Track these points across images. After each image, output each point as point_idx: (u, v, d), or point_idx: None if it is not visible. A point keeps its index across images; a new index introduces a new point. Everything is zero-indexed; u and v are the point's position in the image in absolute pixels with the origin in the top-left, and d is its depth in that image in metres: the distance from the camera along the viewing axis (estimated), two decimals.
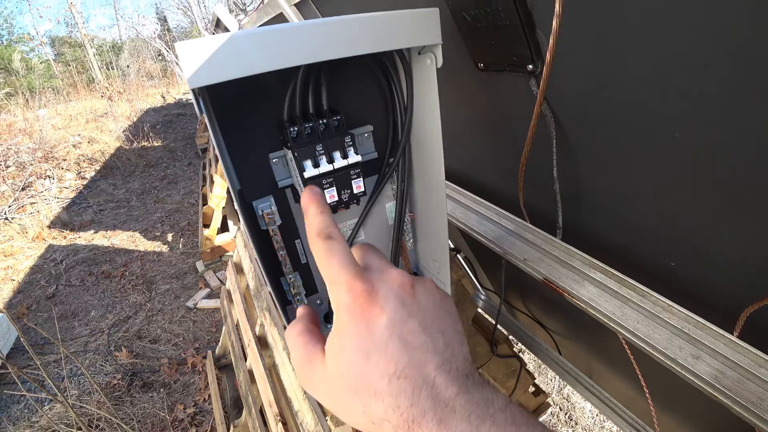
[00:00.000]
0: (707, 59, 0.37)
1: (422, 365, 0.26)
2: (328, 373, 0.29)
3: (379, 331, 0.27)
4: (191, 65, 0.34)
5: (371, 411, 0.26)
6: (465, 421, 0.24)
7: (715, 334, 0.48)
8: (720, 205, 0.48)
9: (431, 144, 0.52)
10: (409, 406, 0.25)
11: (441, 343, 0.28)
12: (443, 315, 0.30)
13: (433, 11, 0.43)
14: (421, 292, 0.30)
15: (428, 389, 0.25)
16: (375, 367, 0.26)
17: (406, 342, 0.27)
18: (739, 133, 0.40)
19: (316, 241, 0.31)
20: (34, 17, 17.76)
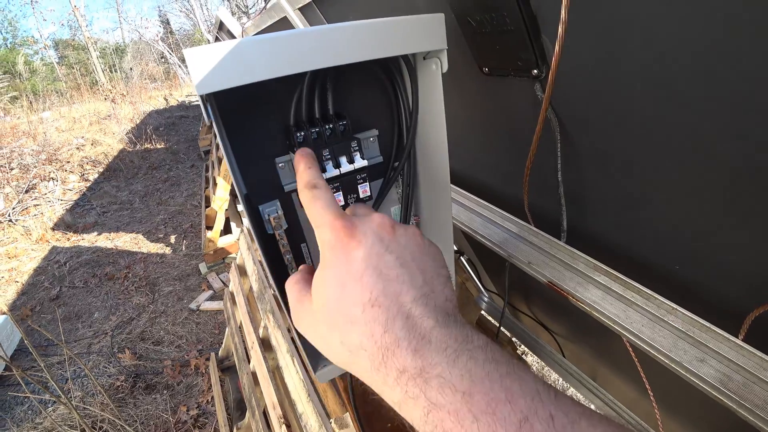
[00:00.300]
0: (712, 64, 0.37)
1: (397, 295, 0.27)
2: (313, 308, 0.30)
3: (355, 263, 0.28)
4: (199, 72, 0.34)
5: (348, 339, 0.27)
6: (441, 353, 0.24)
7: (720, 337, 0.48)
8: (725, 209, 0.48)
9: (436, 148, 0.52)
10: (383, 333, 0.25)
11: (419, 279, 0.28)
12: (425, 257, 0.31)
13: (438, 17, 0.44)
14: (402, 234, 0.31)
15: (403, 319, 0.26)
16: (350, 296, 0.27)
17: (381, 272, 0.28)
18: (745, 138, 0.40)
19: (304, 191, 0.33)
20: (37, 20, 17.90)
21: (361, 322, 0.26)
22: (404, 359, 0.24)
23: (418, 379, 0.24)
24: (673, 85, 0.41)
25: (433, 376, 0.23)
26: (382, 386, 0.25)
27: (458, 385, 0.23)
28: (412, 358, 0.24)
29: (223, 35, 3.26)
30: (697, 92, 0.40)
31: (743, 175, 0.43)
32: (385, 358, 0.25)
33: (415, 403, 0.24)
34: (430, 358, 0.24)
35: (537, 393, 0.23)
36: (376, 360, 0.25)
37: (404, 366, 0.24)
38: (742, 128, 0.39)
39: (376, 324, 0.26)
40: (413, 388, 0.24)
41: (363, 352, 0.26)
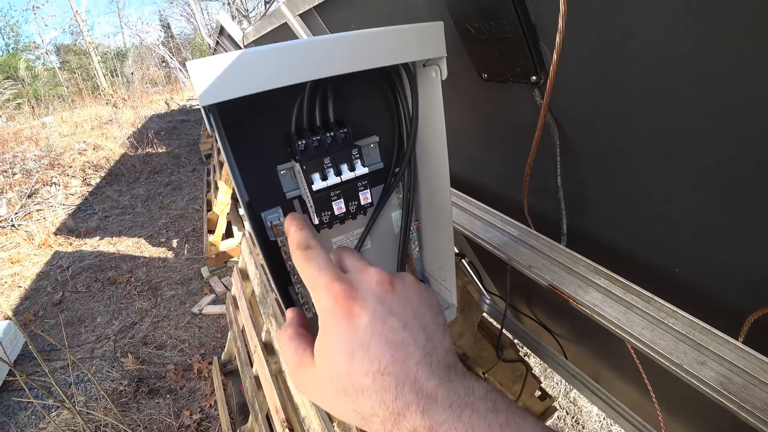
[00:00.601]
0: (709, 66, 0.38)
1: (404, 361, 0.28)
2: (318, 376, 0.30)
3: (361, 331, 0.28)
4: (202, 83, 0.35)
5: (360, 407, 0.28)
6: (447, 409, 0.26)
7: (720, 339, 0.48)
8: (724, 211, 0.48)
9: (437, 154, 0.53)
10: (394, 399, 0.26)
11: (422, 338, 0.29)
12: (424, 309, 0.31)
13: (437, 25, 0.44)
14: (400, 288, 0.31)
15: (411, 383, 0.27)
16: (359, 366, 0.27)
17: (388, 339, 0.28)
18: (743, 141, 0.40)
19: (296, 252, 0.33)
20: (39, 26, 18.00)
21: (371, 391, 0.27)
22: (414, 420, 0.26)
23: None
24: (670, 89, 0.42)
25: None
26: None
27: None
28: (422, 418, 0.25)
29: (223, 40, 3.27)
30: (693, 94, 0.41)
31: (742, 177, 0.43)
32: (398, 422, 0.26)
33: None
34: (438, 416, 0.25)
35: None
36: (388, 423, 0.27)
37: (415, 427, 0.26)
38: (739, 129, 0.39)
39: (386, 392, 0.27)
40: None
41: (376, 418, 0.27)
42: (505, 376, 1.41)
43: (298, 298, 0.55)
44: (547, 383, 2.26)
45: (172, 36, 21.03)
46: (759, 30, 0.33)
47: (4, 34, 18.70)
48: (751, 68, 0.35)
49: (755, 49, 0.33)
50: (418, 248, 0.65)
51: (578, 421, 2.09)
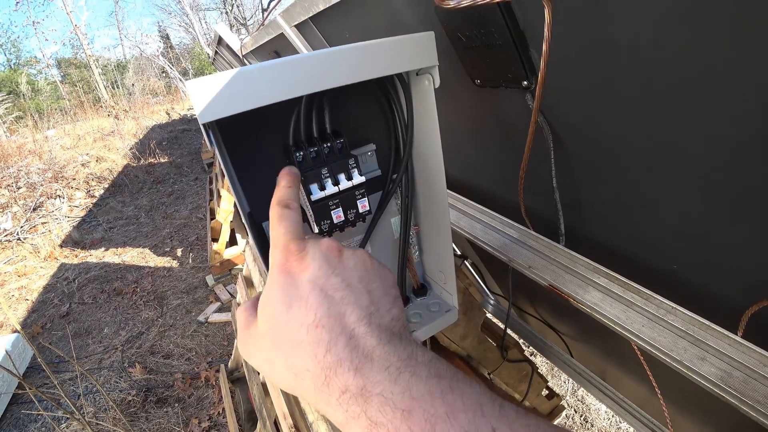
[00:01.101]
0: (696, 68, 0.38)
1: (341, 316, 0.27)
2: (259, 331, 0.30)
3: (302, 284, 0.28)
4: (201, 101, 0.36)
5: (292, 362, 0.27)
6: (383, 371, 0.24)
7: (720, 335, 0.48)
8: (720, 207, 0.49)
9: (432, 159, 0.54)
10: (326, 353, 0.25)
11: (365, 300, 0.29)
12: (373, 278, 0.31)
13: (428, 35, 0.45)
14: (349, 257, 0.31)
15: (346, 339, 0.26)
16: (296, 318, 0.27)
17: (327, 294, 0.28)
18: (737, 138, 0.41)
19: (275, 208, 0.34)
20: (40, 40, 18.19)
21: (305, 343, 0.26)
22: (346, 378, 0.24)
23: (359, 398, 0.24)
24: (657, 89, 0.43)
25: (374, 394, 0.23)
26: (326, 407, 0.25)
27: (399, 402, 0.23)
28: (354, 377, 0.24)
29: (222, 50, 3.30)
30: (681, 94, 0.41)
31: (737, 173, 0.44)
32: (328, 379, 0.25)
33: (356, 422, 0.23)
34: (372, 376, 0.24)
35: (480, 407, 0.23)
36: (319, 381, 0.25)
37: (346, 385, 0.24)
38: (732, 127, 0.40)
39: (319, 345, 0.26)
40: (354, 407, 0.24)
41: (307, 373, 0.26)
42: (511, 376, 1.41)
43: None
44: (554, 382, 2.26)
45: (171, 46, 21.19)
46: (747, 27, 0.33)
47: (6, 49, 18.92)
48: (742, 66, 0.35)
49: (752, 46, 0.34)
50: (418, 253, 0.66)
51: (587, 419, 2.08)
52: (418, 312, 0.63)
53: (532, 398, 1.54)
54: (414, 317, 0.62)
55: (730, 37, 0.34)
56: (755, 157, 0.40)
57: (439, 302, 0.64)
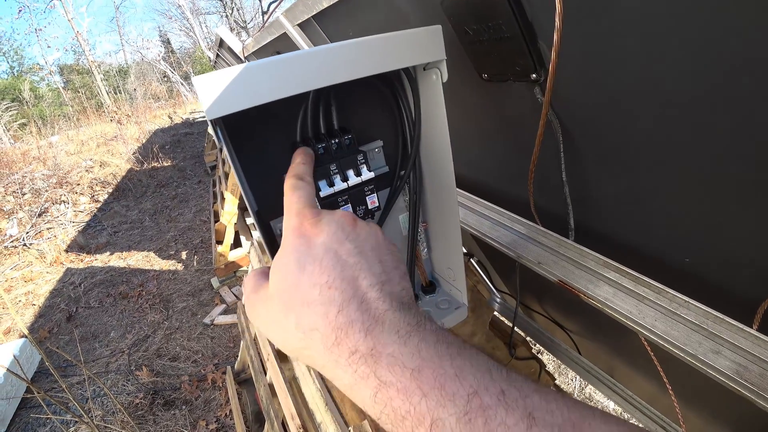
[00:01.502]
0: (710, 61, 0.38)
1: (354, 279, 0.27)
2: (270, 293, 0.30)
3: (316, 247, 0.29)
4: (209, 97, 0.35)
5: (302, 321, 0.27)
6: (393, 334, 0.25)
7: (734, 328, 0.48)
8: (733, 199, 0.48)
9: (441, 155, 0.53)
10: (337, 313, 0.26)
11: (378, 267, 0.29)
12: (384, 250, 0.31)
13: (435, 29, 0.45)
14: (363, 227, 0.32)
15: (358, 301, 0.26)
16: (309, 277, 0.27)
17: (340, 257, 0.28)
18: (750, 128, 0.40)
19: (290, 180, 0.36)
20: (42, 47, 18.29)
21: (317, 303, 0.26)
22: (356, 339, 0.25)
23: (368, 359, 0.24)
24: (673, 81, 0.42)
25: (384, 355, 0.24)
26: (334, 368, 0.26)
27: (408, 362, 0.23)
28: (365, 338, 0.25)
29: (223, 52, 3.31)
30: (696, 85, 0.41)
31: (749, 164, 0.43)
32: (338, 339, 0.25)
33: (365, 383, 0.24)
34: (382, 338, 0.24)
35: (488, 371, 0.23)
36: (329, 341, 0.25)
37: (356, 346, 0.24)
38: (746, 119, 0.40)
39: (331, 305, 0.26)
40: (363, 367, 0.24)
41: (317, 333, 0.26)
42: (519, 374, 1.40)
43: None
44: (562, 380, 2.25)
45: (172, 51, 21.29)
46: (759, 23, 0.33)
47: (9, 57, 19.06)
48: (756, 59, 0.35)
49: (757, 42, 0.34)
50: (426, 249, 0.65)
51: None
52: (427, 309, 0.62)
53: None
54: None
55: (745, 26, 0.34)
56: (765, 149, 0.40)
57: (448, 299, 0.64)
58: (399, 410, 0.22)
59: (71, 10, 15.46)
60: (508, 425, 0.20)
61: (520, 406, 0.21)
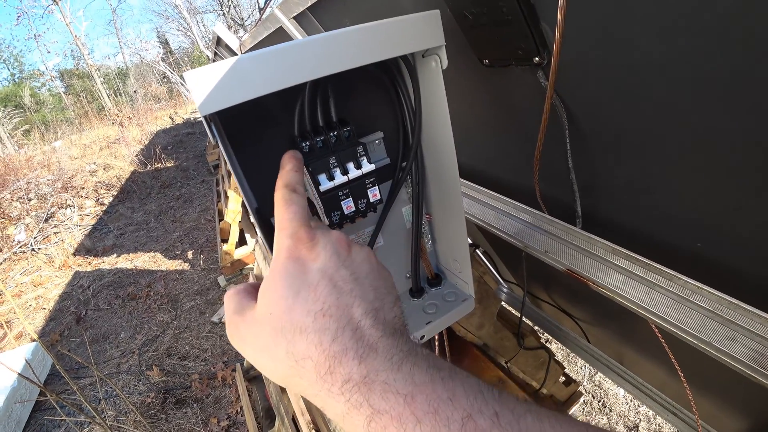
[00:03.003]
0: (722, 40, 0.36)
1: (349, 307, 0.27)
2: (257, 316, 0.29)
3: (312, 273, 0.28)
4: (201, 92, 0.34)
5: (295, 348, 0.26)
6: (387, 360, 0.25)
7: (750, 314, 0.46)
8: (746, 184, 0.47)
9: (443, 144, 0.52)
10: (331, 342, 0.25)
11: (371, 294, 0.29)
12: (377, 276, 0.31)
13: (434, 14, 0.43)
14: (357, 252, 0.32)
15: (352, 330, 0.26)
16: (303, 305, 0.27)
17: (336, 285, 0.28)
18: (760, 114, 0.39)
19: (281, 191, 0.34)
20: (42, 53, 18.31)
21: (310, 330, 0.26)
22: (350, 367, 0.24)
23: (362, 387, 0.24)
24: (681, 62, 0.40)
25: (378, 382, 0.24)
26: (326, 397, 0.25)
27: (401, 389, 0.23)
28: (358, 366, 0.24)
29: (221, 50, 3.29)
30: (706, 66, 0.39)
31: (760, 149, 0.42)
32: (332, 368, 0.25)
33: (358, 411, 0.24)
34: (375, 365, 0.24)
35: (480, 392, 0.23)
36: (322, 369, 0.25)
37: (350, 374, 0.24)
38: (754, 103, 0.38)
39: (325, 333, 0.26)
40: (357, 395, 0.24)
41: (309, 362, 0.26)
42: (528, 363, 1.39)
43: None
44: (571, 368, 2.24)
45: (170, 51, 21.26)
46: None
47: (9, 64, 19.11)
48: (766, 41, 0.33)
49: None
50: (431, 242, 0.64)
51: (605, 404, 2.06)
52: (433, 302, 0.61)
53: (550, 385, 1.53)
54: (430, 308, 0.61)
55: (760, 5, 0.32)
56: None
57: (454, 291, 0.63)
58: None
59: (69, 15, 15.45)
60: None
61: (515, 428, 0.21)
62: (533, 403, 0.23)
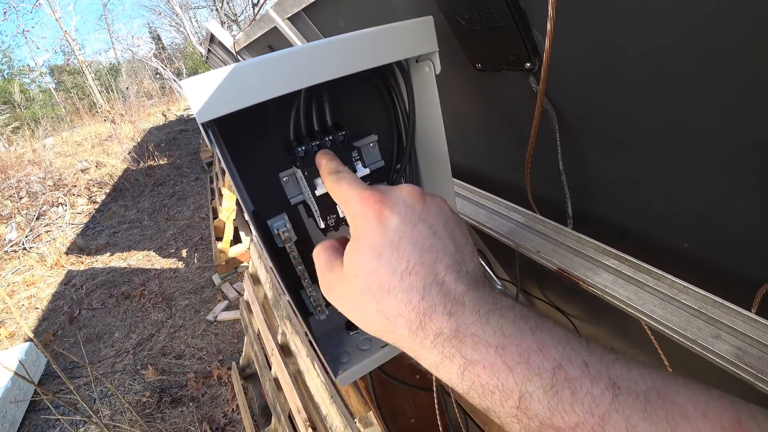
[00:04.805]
0: (707, 40, 0.37)
1: (432, 264, 0.28)
2: (346, 277, 0.30)
3: (390, 232, 0.29)
4: (198, 101, 0.35)
5: (385, 307, 0.27)
6: (474, 314, 0.25)
7: (734, 312, 0.48)
8: (730, 183, 0.48)
9: (436, 147, 0.53)
10: (420, 299, 0.26)
11: (451, 247, 0.29)
12: (453, 226, 0.31)
13: (427, 20, 0.44)
14: (431, 203, 0.32)
15: (438, 286, 0.27)
16: (387, 265, 0.28)
17: (416, 242, 0.28)
18: (746, 111, 0.40)
19: (328, 178, 0.36)
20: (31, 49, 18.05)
21: (398, 290, 0.27)
22: (441, 322, 0.25)
23: (453, 340, 0.25)
24: (666, 64, 0.42)
25: (468, 335, 0.25)
26: (420, 350, 0.26)
27: (491, 340, 0.24)
28: (448, 320, 0.25)
29: (215, 47, 3.27)
30: (690, 68, 0.40)
31: (746, 149, 0.43)
32: (423, 323, 0.26)
33: (451, 362, 0.25)
34: (465, 319, 0.25)
35: (568, 342, 0.24)
36: (413, 325, 0.26)
37: (441, 328, 0.25)
38: (740, 99, 0.39)
39: (413, 291, 0.27)
40: (449, 348, 0.25)
41: (400, 319, 0.27)
42: None
43: (311, 301, 0.56)
44: None
45: (163, 47, 21.03)
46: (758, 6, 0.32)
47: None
48: (754, 36, 0.34)
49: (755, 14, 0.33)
50: None
51: None
52: None
53: None
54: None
55: (746, 5, 0.33)
56: (764, 132, 0.39)
57: None
58: (487, 386, 0.23)
59: (58, 9, 15.23)
60: (594, 395, 0.21)
61: (604, 377, 0.22)
62: (622, 353, 0.23)
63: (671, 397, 0.21)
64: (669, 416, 0.20)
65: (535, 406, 0.22)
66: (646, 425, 0.20)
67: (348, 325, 0.60)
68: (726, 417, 0.19)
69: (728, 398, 0.21)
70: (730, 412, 0.20)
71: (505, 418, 0.23)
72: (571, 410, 0.21)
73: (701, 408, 0.20)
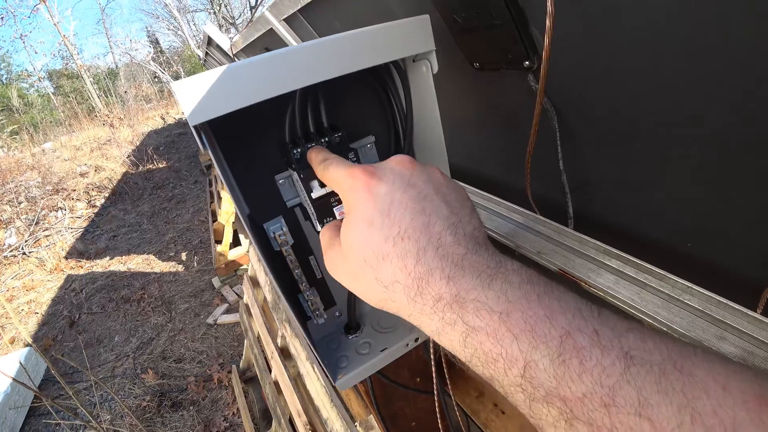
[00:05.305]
0: (706, 40, 0.37)
1: (425, 226, 0.27)
2: (344, 251, 0.30)
3: (379, 200, 0.28)
4: (190, 103, 0.34)
5: (381, 275, 0.27)
6: (475, 278, 0.24)
7: (739, 313, 0.47)
8: (735, 183, 0.47)
9: (434, 147, 0.52)
10: (416, 264, 0.25)
11: (445, 210, 0.29)
12: (447, 189, 0.31)
13: (423, 18, 0.43)
14: (421, 169, 0.31)
15: (434, 248, 0.26)
16: (380, 232, 0.27)
17: (407, 206, 0.28)
18: (746, 109, 0.39)
19: (318, 168, 0.36)
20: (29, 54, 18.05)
21: (392, 256, 0.26)
22: (439, 287, 0.24)
23: (454, 305, 0.24)
24: (666, 62, 0.41)
25: (469, 300, 0.23)
26: (420, 316, 0.26)
27: (495, 306, 0.23)
28: (447, 285, 0.24)
29: (212, 50, 3.26)
30: (692, 65, 0.40)
31: (750, 148, 0.42)
32: (420, 289, 0.25)
33: (452, 328, 0.24)
34: (465, 283, 0.24)
35: (578, 310, 0.22)
36: (411, 291, 0.25)
37: (440, 294, 0.24)
38: (745, 98, 0.38)
39: (407, 256, 0.26)
40: (450, 314, 0.24)
41: (398, 285, 0.26)
42: None
43: (308, 305, 0.55)
44: None
45: (161, 51, 21.04)
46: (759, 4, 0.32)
47: None
48: (753, 41, 0.34)
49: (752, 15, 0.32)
50: None
51: None
52: None
53: None
54: None
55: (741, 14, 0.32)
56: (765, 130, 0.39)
57: None
58: (490, 353, 0.22)
59: (56, 14, 15.23)
60: (604, 366, 0.20)
61: (616, 346, 0.20)
62: (636, 322, 0.22)
63: (689, 369, 0.19)
64: (686, 389, 0.18)
65: (541, 375, 0.21)
66: (660, 397, 0.18)
67: (347, 328, 0.59)
68: (748, 391, 0.17)
69: (750, 371, 0.19)
70: (752, 386, 0.18)
71: (508, 388, 0.22)
72: (579, 380, 0.20)
73: (721, 381, 0.18)
